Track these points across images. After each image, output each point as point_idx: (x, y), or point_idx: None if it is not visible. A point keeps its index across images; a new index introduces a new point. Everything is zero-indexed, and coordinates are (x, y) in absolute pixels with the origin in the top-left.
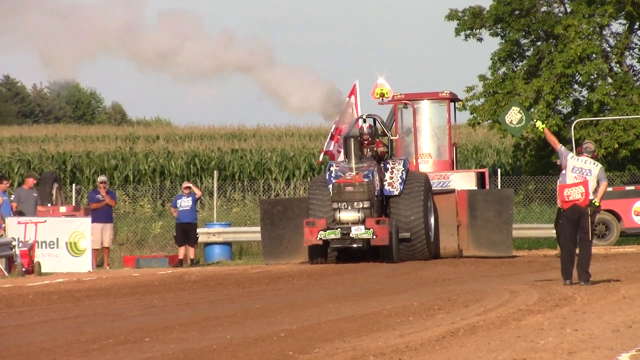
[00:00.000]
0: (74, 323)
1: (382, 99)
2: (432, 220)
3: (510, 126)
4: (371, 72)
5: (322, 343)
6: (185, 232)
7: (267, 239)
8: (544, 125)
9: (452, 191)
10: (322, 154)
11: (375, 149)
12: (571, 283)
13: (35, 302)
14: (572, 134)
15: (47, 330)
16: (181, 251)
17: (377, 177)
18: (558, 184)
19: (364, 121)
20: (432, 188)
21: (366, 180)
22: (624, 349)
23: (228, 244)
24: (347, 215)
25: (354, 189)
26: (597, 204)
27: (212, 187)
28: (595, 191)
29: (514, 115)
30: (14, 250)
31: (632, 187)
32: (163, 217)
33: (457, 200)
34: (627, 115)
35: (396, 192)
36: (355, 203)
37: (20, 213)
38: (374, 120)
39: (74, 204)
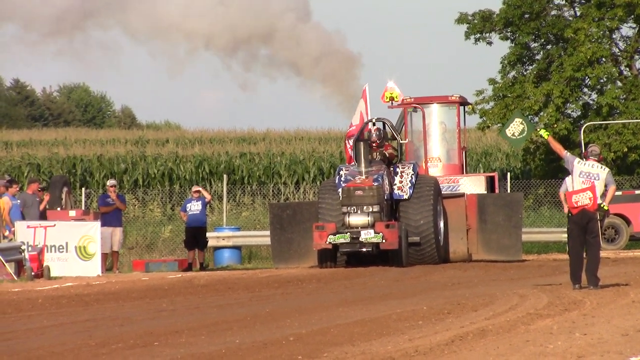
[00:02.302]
0: (83, 327)
1: (392, 103)
2: (442, 225)
3: (512, 139)
4: (381, 76)
5: (331, 347)
6: (195, 236)
7: (277, 243)
8: (549, 133)
9: (462, 195)
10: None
11: (384, 152)
12: (580, 287)
13: (44, 306)
14: (582, 138)
15: (56, 334)
16: (190, 255)
17: (386, 181)
18: (560, 191)
19: (373, 125)
20: (442, 192)
21: (376, 184)
22: (633, 353)
23: (237, 248)
24: (356, 219)
25: (364, 193)
26: (605, 208)
27: (222, 191)
28: (604, 195)
29: (516, 127)
30: (23, 254)
31: None
32: (172, 221)
33: (466, 205)
34: (636, 119)
35: (406, 196)
36: (365, 207)
37: (22, 218)
38: (384, 124)
39: (83, 207)
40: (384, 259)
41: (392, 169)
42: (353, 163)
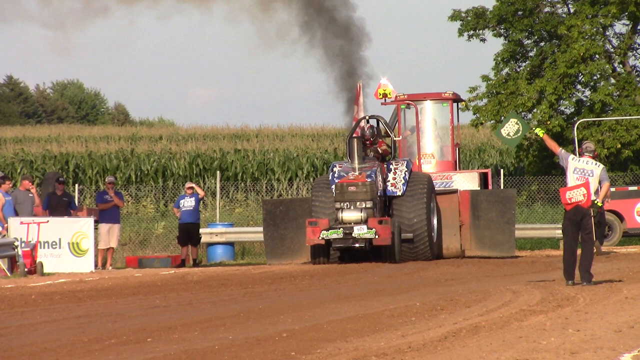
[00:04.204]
0: (77, 323)
1: (385, 99)
2: (435, 222)
3: (507, 139)
4: (375, 72)
5: (325, 343)
6: (188, 233)
7: (270, 240)
8: (543, 132)
9: (455, 191)
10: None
11: (377, 149)
12: (573, 283)
13: (37, 303)
14: (575, 135)
15: (49, 330)
16: (184, 251)
17: (379, 178)
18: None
19: (367, 122)
20: (435, 188)
21: (369, 180)
22: (626, 349)
23: (230, 244)
24: (349, 215)
25: (357, 189)
26: (599, 204)
27: (215, 187)
28: (598, 192)
29: (511, 127)
30: (16, 250)
31: (634, 188)
32: (166, 218)
33: (459, 201)
34: (629, 115)
35: (399, 193)
36: (358, 203)
37: (15, 214)
38: (377, 121)
39: (76, 204)
40: (377, 255)
41: (385, 165)
42: (346, 160)
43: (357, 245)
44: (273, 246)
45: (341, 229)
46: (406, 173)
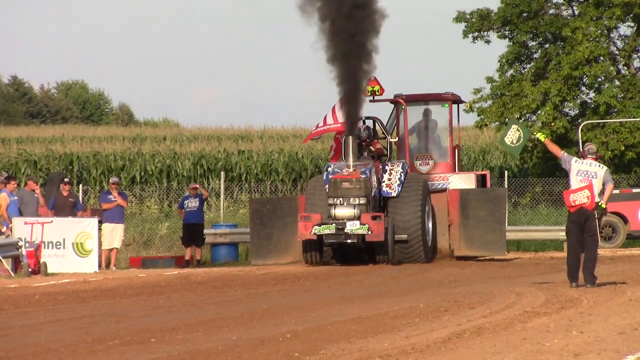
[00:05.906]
0: (80, 323)
1: (374, 97)
2: (430, 224)
3: (510, 146)
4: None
5: (328, 344)
6: (192, 233)
7: (256, 239)
8: (545, 136)
9: (444, 190)
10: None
11: (372, 149)
12: (577, 285)
13: (41, 303)
14: (579, 136)
15: (53, 330)
16: (188, 252)
17: (374, 177)
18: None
19: (364, 123)
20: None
21: (363, 176)
22: (630, 351)
23: (235, 244)
24: (342, 211)
25: (351, 185)
26: (603, 206)
27: (219, 188)
28: (601, 193)
29: (513, 135)
30: (20, 250)
31: (638, 190)
32: (170, 218)
33: (448, 200)
34: (633, 117)
35: (394, 194)
36: (352, 199)
37: (20, 214)
38: (374, 122)
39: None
40: (371, 253)
41: (381, 166)
42: (341, 159)
43: (349, 241)
44: (259, 245)
45: (334, 224)
46: (401, 174)
